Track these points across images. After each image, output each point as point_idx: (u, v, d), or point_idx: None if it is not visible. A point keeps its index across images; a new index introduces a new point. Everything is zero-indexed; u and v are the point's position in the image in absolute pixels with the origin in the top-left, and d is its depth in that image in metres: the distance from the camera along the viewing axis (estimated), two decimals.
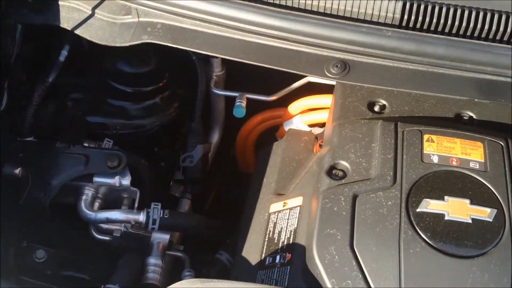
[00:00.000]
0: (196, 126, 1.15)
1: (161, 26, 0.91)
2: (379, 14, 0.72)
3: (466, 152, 0.78)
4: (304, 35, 0.72)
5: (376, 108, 0.90)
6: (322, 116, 1.02)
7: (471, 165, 0.76)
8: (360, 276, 0.68)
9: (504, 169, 0.76)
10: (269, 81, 1.05)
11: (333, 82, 0.88)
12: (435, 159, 0.77)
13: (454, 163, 0.77)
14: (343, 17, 0.73)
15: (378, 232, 0.71)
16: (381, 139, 0.80)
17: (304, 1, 0.72)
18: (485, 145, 0.78)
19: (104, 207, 0.99)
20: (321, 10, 0.73)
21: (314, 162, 0.88)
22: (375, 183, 0.75)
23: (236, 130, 1.25)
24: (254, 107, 1.14)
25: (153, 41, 0.91)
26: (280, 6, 0.73)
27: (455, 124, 0.86)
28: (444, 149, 0.78)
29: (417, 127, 0.81)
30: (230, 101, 1.13)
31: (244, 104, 1.07)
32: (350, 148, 0.81)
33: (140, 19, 0.89)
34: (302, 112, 1.09)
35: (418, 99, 0.90)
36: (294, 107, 1.09)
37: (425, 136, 0.80)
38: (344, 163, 0.79)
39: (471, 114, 0.89)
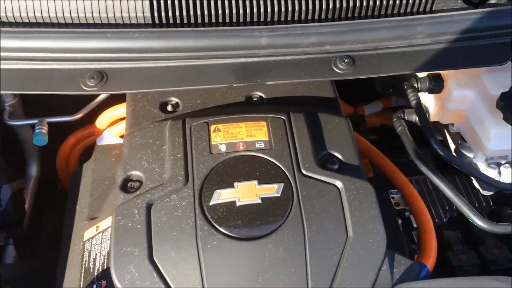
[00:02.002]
0: None
1: None
2: (129, 16, 0.70)
3: (251, 134, 0.80)
4: (52, 52, 0.66)
5: (169, 108, 0.88)
6: None
7: (257, 145, 0.78)
8: (163, 286, 0.66)
9: (287, 142, 0.79)
10: (75, 99, 0.99)
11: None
12: (223, 148, 0.78)
13: (241, 147, 0.78)
14: (94, 25, 0.69)
15: (176, 236, 0.70)
16: (170, 139, 0.79)
17: (40, 14, 0.67)
18: (268, 123, 0.81)
19: None
20: (69, 21, 0.68)
21: None
22: (168, 187, 0.73)
23: None
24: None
25: None
26: (17, 24, 0.67)
27: (246, 108, 0.88)
28: (230, 136, 0.79)
29: (204, 119, 0.81)
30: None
31: (44, 130, 0.99)
32: (142, 156, 0.78)
33: None
34: (111, 124, 1.04)
35: (209, 90, 0.91)
36: (100, 121, 1.04)
37: (212, 127, 0.80)
38: (138, 173, 0.77)
39: (261, 94, 0.91)
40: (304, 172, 0.76)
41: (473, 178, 0.95)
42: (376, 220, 0.74)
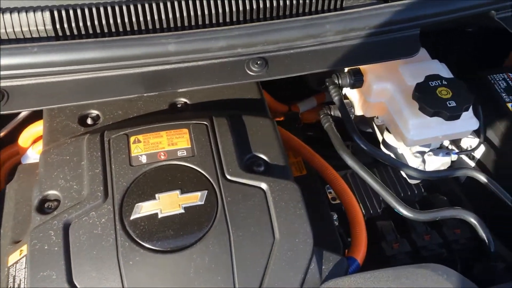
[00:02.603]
0: None
1: None
2: (30, 30, 0.67)
3: (173, 143, 0.78)
4: None
5: (89, 121, 0.85)
6: None
7: (179, 153, 0.77)
8: None
9: (210, 148, 0.78)
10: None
11: None
12: (144, 159, 0.76)
13: (162, 157, 0.76)
14: None
15: (96, 255, 0.67)
16: (88, 154, 0.76)
17: None
18: (190, 130, 0.79)
19: None
20: None
21: None
22: (86, 204, 0.71)
23: None
24: None
25: None
26: None
27: (169, 116, 0.86)
28: (151, 146, 0.77)
29: (123, 131, 0.79)
30: None
31: None
32: (59, 174, 0.75)
33: None
34: (35, 142, 1.00)
35: (130, 100, 0.88)
36: (23, 139, 0.99)
37: (132, 139, 0.78)
38: (55, 192, 0.73)
39: (185, 100, 0.90)
40: (228, 177, 0.76)
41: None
42: (302, 220, 0.74)
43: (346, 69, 0.91)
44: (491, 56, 1.14)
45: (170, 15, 0.69)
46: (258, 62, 0.72)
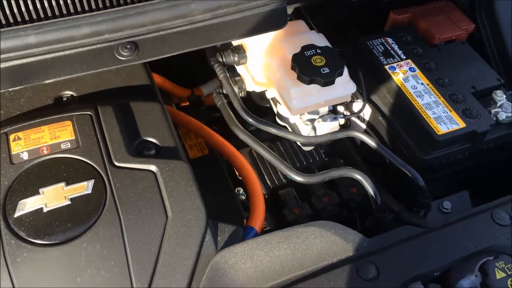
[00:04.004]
0: None
1: None
2: None
3: (56, 136, 0.77)
4: None
5: None
6: None
7: (63, 146, 0.76)
8: None
9: (96, 137, 0.78)
10: None
11: None
12: (25, 156, 0.75)
13: (45, 151, 0.75)
14: None
15: None
16: None
17: None
18: (74, 122, 0.79)
19: None
20: None
21: None
22: None
23: None
24: None
25: None
26: None
27: (54, 110, 0.84)
28: (32, 142, 0.76)
29: (3, 129, 0.77)
30: None
31: None
32: None
33: None
34: None
35: (12, 98, 0.86)
36: None
37: (11, 136, 0.76)
38: None
39: (71, 92, 0.89)
40: (116, 163, 0.76)
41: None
42: (194, 196, 0.76)
43: (228, 47, 0.94)
44: (373, 23, 1.21)
45: (31, 7, 0.68)
46: (128, 46, 0.73)
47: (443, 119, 0.94)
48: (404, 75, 1.01)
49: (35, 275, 0.66)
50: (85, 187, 0.73)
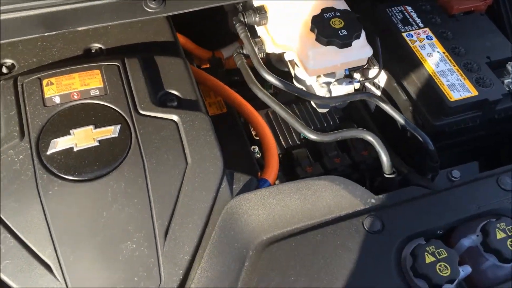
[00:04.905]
0: None
1: None
2: None
3: (85, 83, 0.82)
4: None
5: (4, 70, 0.88)
6: None
7: (92, 93, 0.81)
8: (9, 235, 0.69)
9: (122, 86, 0.83)
10: None
11: None
12: (57, 100, 0.80)
13: (76, 97, 0.81)
14: None
15: (17, 188, 0.72)
16: (2, 98, 0.79)
17: None
18: (102, 71, 0.84)
19: None
20: None
21: None
22: (3, 144, 0.75)
23: None
24: None
25: None
26: None
27: (83, 60, 0.89)
28: (64, 87, 0.81)
29: (36, 75, 0.82)
30: None
31: None
32: None
33: None
34: None
35: (45, 47, 0.91)
36: None
37: (45, 81, 0.82)
38: None
39: (100, 45, 0.93)
40: (141, 111, 0.81)
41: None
42: (212, 146, 0.81)
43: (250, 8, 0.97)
44: None
45: None
46: None
47: (456, 86, 0.97)
48: (421, 43, 1.03)
49: (65, 208, 0.72)
50: (112, 131, 0.78)
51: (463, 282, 0.81)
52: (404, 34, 1.05)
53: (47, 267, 0.68)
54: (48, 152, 0.75)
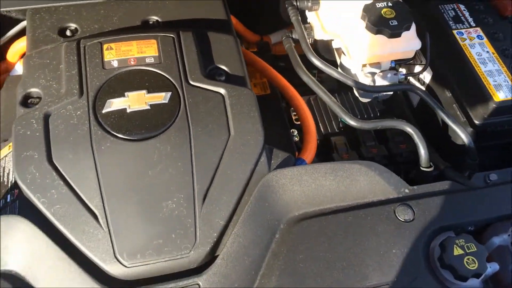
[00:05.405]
0: None
1: None
2: None
3: (142, 51, 0.87)
4: None
5: (68, 33, 0.94)
6: None
7: (147, 60, 0.86)
8: (62, 183, 0.75)
9: (176, 57, 0.87)
10: None
11: None
12: (115, 64, 0.85)
13: (132, 62, 0.86)
14: None
15: (72, 141, 0.78)
16: (65, 58, 0.85)
17: None
18: (158, 41, 0.88)
19: None
20: None
21: None
22: (64, 99, 0.81)
23: None
24: None
25: None
26: None
27: (141, 30, 0.95)
28: (122, 53, 0.86)
29: (98, 39, 0.88)
30: None
31: None
32: (40, 74, 0.84)
33: None
34: (22, 57, 1.08)
35: (107, 15, 0.97)
36: (11, 54, 1.08)
37: (105, 46, 0.87)
38: (37, 90, 0.83)
39: (157, 18, 0.98)
40: (191, 82, 0.85)
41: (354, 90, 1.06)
42: (255, 120, 0.84)
43: None
44: None
45: None
46: None
47: (503, 87, 0.96)
48: (471, 42, 1.03)
49: (114, 163, 0.77)
50: (163, 97, 0.82)
51: (490, 281, 0.82)
52: (454, 32, 1.05)
53: (94, 215, 0.74)
54: (103, 111, 0.80)
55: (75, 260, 0.72)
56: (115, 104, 0.81)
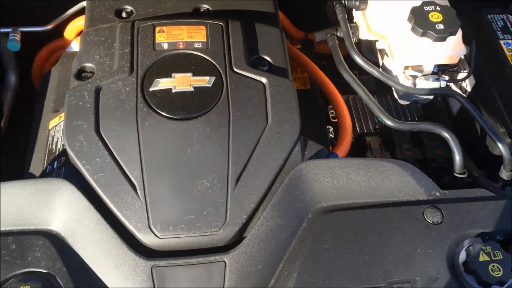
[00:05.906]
0: None
1: None
2: None
3: (191, 36, 0.91)
4: None
5: (124, 15, 0.99)
6: None
7: (195, 45, 0.90)
8: (107, 153, 0.80)
9: (223, 44, 0.91)
10: (46, 13, 1.10)
11: None
12: (165, 46, 0.89)
13: (181, 46, 0.90)
14: None
15: (119, 115, 0.82)
16: (119, 37, 0.90)
17: None
18: (207, 28, 0.92)
19: None
20: None
21: None
22: (115, 75, 0.86)
23: None
24: None
25: None
26: None
27: (192, 17, 0.99)
28: (172, 36, 0.91)
29: (151, 22, 0.92)
30: None
31: (18, 37, 1.10)
32: (95, 51, 0.90)
33: None
34: (78, 34, 1.15)
35: (160, 1, 1.01)
36: (68, 31, 1.15)
37: (157, 28, 0.91)
38: (91, 65, 0.89)
39: (208, 6, 1.02)
40: (235, 69, 0.89)
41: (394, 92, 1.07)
42: (293, 111, 0.87)
43: None
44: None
45: None
46: None
47: None
48: None
49: (156, 139, 0.81)
50: (207, 81, 0.86)
51: None
52: (501, 42, 1.04)
53: (133, 186, 0.78)
54: (151, 89, 0.84)
55: (112, 226, 0.76)
56: (161, 84, 0.85)
